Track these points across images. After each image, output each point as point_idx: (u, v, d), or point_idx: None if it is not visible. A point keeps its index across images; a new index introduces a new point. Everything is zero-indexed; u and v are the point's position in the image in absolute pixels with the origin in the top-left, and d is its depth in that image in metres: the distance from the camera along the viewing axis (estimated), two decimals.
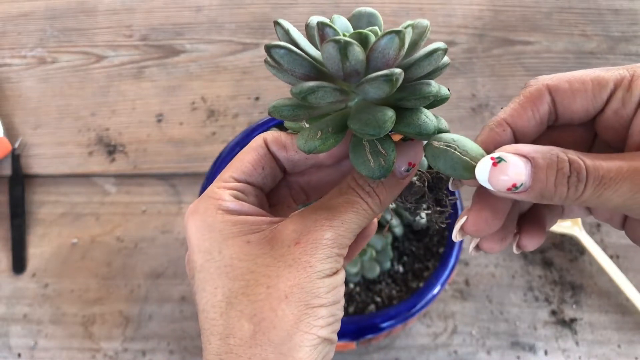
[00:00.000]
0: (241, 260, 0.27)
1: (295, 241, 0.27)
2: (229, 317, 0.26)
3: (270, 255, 0.27)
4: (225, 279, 0.27)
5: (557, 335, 0.56)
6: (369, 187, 0.28)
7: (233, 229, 0.28)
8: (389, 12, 0.76)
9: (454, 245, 0.47)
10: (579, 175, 0.24)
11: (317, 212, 0.28)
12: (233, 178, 0.30)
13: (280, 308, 0.25)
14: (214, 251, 0.27)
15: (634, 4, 0.77)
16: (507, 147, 0.27)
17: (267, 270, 0.26)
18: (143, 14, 0.77)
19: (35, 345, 0.56)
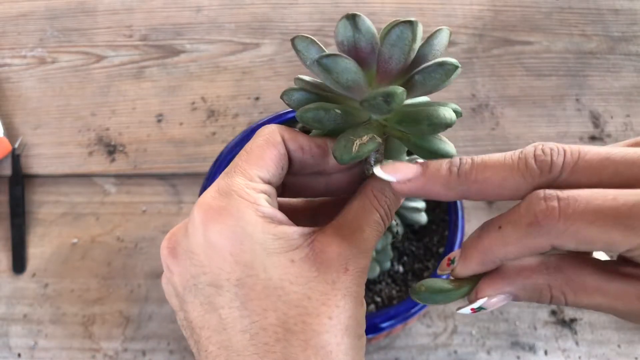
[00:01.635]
0: (292, 284, 0.25)
1: (345, 268, 0.26)
2: (290, 346, 0.25)
3: (323, 281, 0.26)
4: (278, 302, 0.25)
5: (557, 335, 0.56)
6: (388, 208, 0.28)
7: (275, 243, 0.26)
8: (389, 12, 0.76)
9: (453, 246, 0.47)
10: (559, 304, 0.26)
11: (355, 236, 0.27)
12: (260, 178, 0.27)
13: (344, 342, 0.25)
14: (258, 268, 0.25)
15: (634, 4, 0.77)
16: (487, 288, 0.27)
17: (325, 299, 0.25)
18: (143, 14, 0.77)
19: (35, 345, 0.56)
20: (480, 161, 0.26)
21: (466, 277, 0.27)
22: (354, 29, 0.26)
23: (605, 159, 0.23)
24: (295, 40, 0.28)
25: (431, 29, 0.28)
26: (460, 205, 0.49)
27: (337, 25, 0.26)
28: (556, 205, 0.23)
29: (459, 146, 0.66)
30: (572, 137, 0.67)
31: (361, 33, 0.26)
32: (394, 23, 0.26)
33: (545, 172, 0.24)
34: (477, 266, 0.27)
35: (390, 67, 0.26)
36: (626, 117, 0.68)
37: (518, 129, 0.67)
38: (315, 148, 0.29)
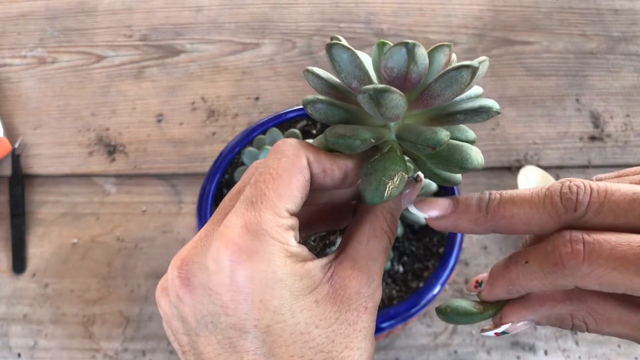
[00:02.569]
0: (317, 327, 0.25)
1: (364, 307, 0.26)
2: None
3: (345, 322, 0.26)
4: (305, 348, 0.25)
5: (557, 335, 0.56)
6: (390, 231, 0.29)
7: (300, 284, 0.25)
8: (389, 12, 0.76)
9: (454, 246, 0.47)
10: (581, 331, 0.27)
11: (369, 267, 0.27)
12: (288, 211, 0.26)
13: None
14: (286, 313, 0.25)
15: (634, 4, 0.77)
16: (511, 315, 0.28)
17: (347, 341, 0.26)
18: (143, 14, 0.77)
19: (35, 345, 0.56)
20: (508, 197, 0.27)
21: (491, 301, 0.29)
22: (410, 59, 0.24)
23: (633, 201, 0.24)
24: (333, 51, 0.26)
25: (431, 29, 0.28)
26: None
27: (391, 51, 0.24)
28: (581, 249, 0.23)
29: None
30: (572, 137, 0.67)
31: (416, 65, 0.25)
32: (454, 66, 0.25)
33: (570, 211, 0.25)
34: (503, 294, 0.28)
35: (435, 103, 0.26)
36: (626, 117, 0.68)
37: (518, 129, 0.67)
38: (337, 171, 0.28)
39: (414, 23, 0.75)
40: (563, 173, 0.64)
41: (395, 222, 0.29)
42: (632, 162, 0.65)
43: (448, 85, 0.25)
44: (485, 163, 0.66)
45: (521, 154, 0.66)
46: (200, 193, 0.51)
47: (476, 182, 0.64)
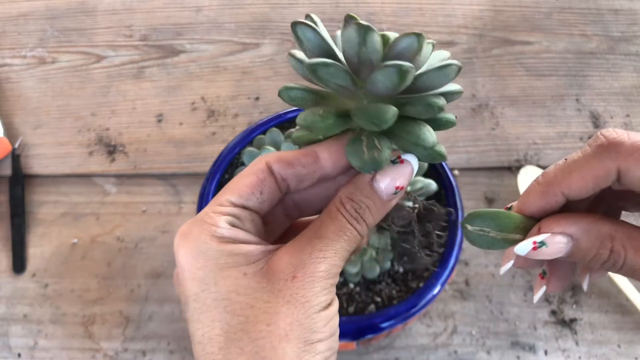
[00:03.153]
0: (239, 294, 0.27)
1: (292, 275, 0.27)
2: (229, 353, 0.26)
3: (269, 290, 0.27)
4: (224, 312, 0.27)
5: (557, 335, 0.56)
6: (356, 212, 0.29)
7: (228, 259, 0.27)
8: (389, 12, 0.76)
9: (454, 245, 0.47)
10: (615, 264, 0.26)
11: (311, 243, 0.28)
12: (230, 202, 0.29)
13: (281, 346, 0.26)
14: (210, 282, 0.27)
15: (634, 4, 0.77)
16: (552, 224, 0.27)
17: (266, 307, 0.26)
18: (143, 14, 0.77)
19: (35, 345, 0.56)
20: None
21: (525, 223, 0.27)
22: (362, 42, 0.25)
23: None
24: (298, 29, 0.27)
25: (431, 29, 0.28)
26: (461, 206, 0.49)
27: (347, 29, 0.25)
28: (625, 133, 0.25)
29: (458, 146, 0.66)
30: (572, 137, 0.67)
31: (367, 48, 0.25)
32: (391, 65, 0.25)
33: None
34: (539, 199, 0.27)
35: (383, 91, 0.26)
36: (626, 117, 0.68)
37: (518, 129, 0.67)
38: (303, 157, 0.30)
39: (414, 23, 0.75)
40: None
41: (357, 206, 0.29)
42: None
43: (401, 50, 0.25)
44: (485, 163, 0.66)
45: (521, 154, 0.66)
46: (200, 193, 0.51)
47: (476, 182, 0.64)
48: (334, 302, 0.28)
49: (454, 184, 0.50)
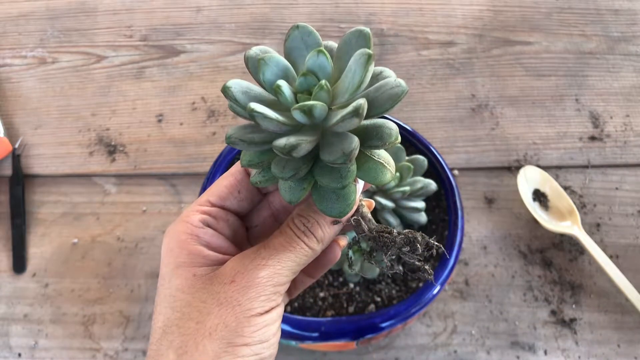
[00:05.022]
0: (183, 292, 0.28)
1: (231, 279, 0.28)
2: (161, 345, 0.28)
3: (208, 291, 0.28)
4: (168, 307, 0.28)
5: (556, 335, 0.56)
6: (304, 226, 0.30)
7: (186, 258, 0.29)
8: (389, 12, 0.76)
9: (454, 246, 0.47)
10: None
11: (257, 252, 0.29)
12: (209, 202, 0.32)
13: (203, 344, 0.27)
14: (166, 278, 0.29)
15: (634, 4, 0.77)
16: None
17: (202, 306, 0.28)
18: (143, 14, 0.77)
19: (35, 345, 0.56)
20: None
21: None
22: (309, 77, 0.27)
23: None
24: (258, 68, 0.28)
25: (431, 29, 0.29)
26: (460, 206, 0.50)
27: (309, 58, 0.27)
28: None
29: (458, 146, 0.66)
30: (572, 137, 0.67)
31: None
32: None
33: None
34: None
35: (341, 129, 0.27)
36: (626, 117, 0.69)
37: (518, 129, 0.67)
38: None
39: (413, 23, 0.75)
40: (562, 173, 0.65)
41: (308, 223, 0.30)
42: (632, 162, 0.65)
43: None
44: (485, 163, 0.66)
45: (521, 154, 0.66)
46: (200, 193, 0.51)
47: (476, 182, 0.64)
48: (274, 311, 0.28)
49: (453, 184, 0.50)
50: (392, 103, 0.26)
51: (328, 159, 0.26)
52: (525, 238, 0.61)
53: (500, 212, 0.62)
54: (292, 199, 0.29)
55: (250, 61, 0.28)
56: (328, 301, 0.51)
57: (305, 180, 0.28)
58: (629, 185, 0.64)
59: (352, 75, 0.26)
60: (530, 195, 0.61)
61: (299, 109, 0.25)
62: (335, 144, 0.26)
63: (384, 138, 0.27)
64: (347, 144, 0.26)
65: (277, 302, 0.29)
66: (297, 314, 0.49)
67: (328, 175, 0.27)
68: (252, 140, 0.27)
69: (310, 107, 0.25)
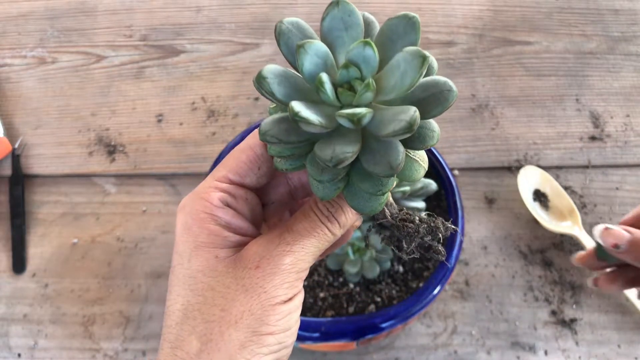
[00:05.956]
0: (205, 275, 0.27)
1: (256, 265, 0.27)
2: (182, 330, 0.27)
3: (232, 276, 0.27)
4: (188, 289, 0.27)
5: (557, 335, 0.56)
6: (328, 211, 0.29)
7: (206, 238, 0.28)
8: (389, 12, 0.76)
9: (454, 246, 0.47)
10: None
11: (281, 236, 0.28)
12: (227, 178, 0.30)
13: (228, 332, 0.26)
14: (185, 257, 0.28)
15: (634, 4, 0.77)
16: (619, 226, 0.40)
17: (225, 292, 0.27)
18: (143, 14, 0.77)
19: (35, 345, 0.56)
20: None
21: None
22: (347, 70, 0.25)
23: None
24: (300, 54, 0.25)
25: (431, 29, 0.28)
26: (460, 206, 0.49)
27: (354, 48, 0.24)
28: None
29: (458, 146, 0.66)
30: (572, 137, 0.67)
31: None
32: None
33: None
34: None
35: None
36: (626, 117, 0.68)
37: (518, 129, 0.67)
38: None
39: None
40: (563, 173, 0.64)
41: (332, 207, 0.29)
42: (632, 162, 0.65)
43: None
44: (485, 163, 0.66)
45: (521, 154, 0.66)
46: None
47: (476, 182, 0.64)
48: (296, 298, 0.28)
49: (454, 184, 0.50)
50: (441, 110, 0.24)
51: (373, 170, 0.24)
52: (525, 238, 0.60)
53: (501, 212, 0.62)
54: (325, 196, 0.27)
55: (282, 38, 0.26)
56: (328, 301, 0.51)
57: (341, 181, 0.27)
58: (630, 185, 0.64)
59: (401, 75, 0.24)
60: (531, 196, 0.61)
61: (346, 118, 0.23)
62: (380, 152, 0.24)
63: (427, 141, 0.25)
64: (394, 155, 0.24)
65: (299, 289, 0.28)
66: None
67: (368, 181, 0.26)
68: (290, 140, 0.25)
69: (360, 117, 0.23)
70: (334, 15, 0.26)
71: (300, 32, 0.26)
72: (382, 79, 0.25)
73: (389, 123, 0.23)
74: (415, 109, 0.22)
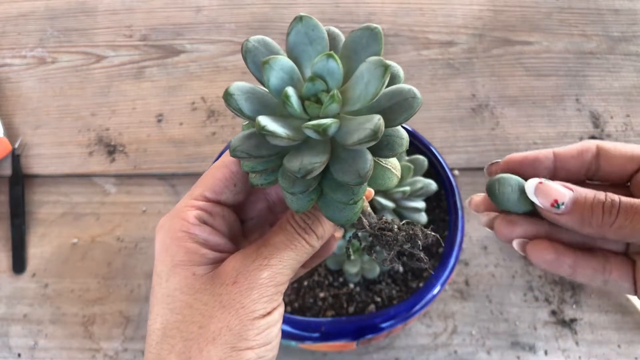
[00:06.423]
0: (182, 293, 0.27)
1: (233, 280, 0.27)
2: (162, 349, 0.27)
3: (210, 293, 0.27)
4: (166, 308, 0.27)
5: (557, 335, 0.56)
6: (305, 223, 0.29)
7: (183, 256, 0.28)
8: (389, 12, 0.76)
9: (454, 246, 0.47)
10: (612, 202, 0.28)
11: (258, 251, 0.28)
12: (203, 196, 0.30)
13: (207, 349, 0.26)
14: (163, 277, 0.28)
15: (634, 4, 0.77)
16: (555, 182, 0.30)
17: (204, 309, 0.27)
18: (143, 14, 0.77)
19: (35, 345, 0.56)
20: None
21: None
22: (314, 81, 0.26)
23: None
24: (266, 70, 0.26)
25: (431, 29, 0.28)
26: (460, 206, 0.49)
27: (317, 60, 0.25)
28: None
29: (458, 146, 0.66)
30: (572, 137, 0.67)
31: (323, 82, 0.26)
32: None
33: None
34: (531, 154, 0.33)
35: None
36: (626, 117, 0.68)
37: (518, 129, 0.67)
38: None
39: (414, 23, 0.75)
40: None
41: (309, 218, 0.29)
42: None
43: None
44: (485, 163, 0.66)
45: None
46: None
47: (476, 182, 0.64)
48: (276, 311, 0.28)
49: (454, 184, 0.50)
50: (406, 117, 0.25)
51: (342, 179, 0.25)
52: None
53: None
54: (299, 208, 0.27)
55: (249, 55, 0.26)
56: (328, 301, 0.51)
57: (314, 192, 0.27)
58: None
59: (365, 85, 0.24)
60: None
61: (312, 129, 0.23)
62: (349, 161, 0.25)
63: (395, 148, 0.26)
64: (361, 164, 0.24)
65: (278, 302, 0.28)
66: (297, 314, 0.49)
67: (340, 191, 0.26)
68: (260, 155, 0.25)
69: (325, 128, 0.23)
70: (298, 30, 0.26)
71: (266, 48, 0.26)
72: (347, 90, 0.25)
73: (354, 132, 0.23)
74: (380, 116, 0.23)
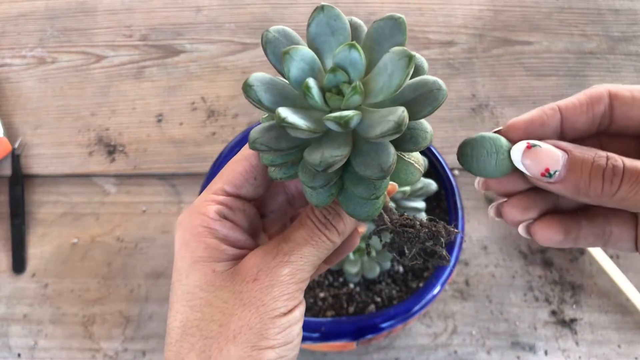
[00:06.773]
0: (202, 290, 0.27)
1: (254, 277, 0.27)
2: (181, 347, 0.26)
3: (230, 290, 0.27)
4: (186, 306, 0.27)
5: (557, 335, 0.56)
6: (326, 219, 0.28)
7: (203, 252, 0.28)
8: (388, 12, 0.76)
9: (454, 246, 0.47)
10: (614, 169, 0.24)
11: (278, 247, 0.28)
12: (223, 191, 0.29)
13: (227, 348, 0.25)
14: (183, 273, 0.28)
15: (634, 4, 0.77)
16: (547, 142, 0.26)
17: (224, 307, 0.26)
18: (143, 14, 0.77)
19: (35, 345, 0.56)
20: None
21: None
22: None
23: None
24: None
25: (431, 29, 0.28)
26: (460, 206, 0.49)
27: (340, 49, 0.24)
28: None
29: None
30: None
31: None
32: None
33: None
34: (535, 113, 0.28)
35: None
36: None
37: None
38: None
39: (414, 23, 0.75)
40: None
41: (329, 214, 0.29)
42: None
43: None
44: None
45: None
46: (199, 193, 0.51)
47: None
48: (297, 309, 0.27)
49: (454, 184, 0.50)
50: (431, 109, 0.24)
51: (364, 173, 0.24)
52: (525, 238, 0.60)
53: None
54: (319, 203, 0.27)
55: (269, 46, 0.25)
56: (328, 301, 0.51)
57: (334, 186, 0.27)
58: None
59: (388, 76, 0.24)
60: None
61: (334, 121, 0.23)
62: (371, 155, 0.24)
63: (419, 142, 0.25)
64: (384, 157, 0.23)
65: (299, 300, 0.28)
66: None
67: (361, 185, 0.25)
68: (280, 147, 0.25)
69: (347, 120, 0.22)
70: (320, 20, 0.26)
71: (286, 39, 0.26)
72: (370, 82, 0.25)
73: (377, 125, 0.23)
74: (404, 109, 0.22)
